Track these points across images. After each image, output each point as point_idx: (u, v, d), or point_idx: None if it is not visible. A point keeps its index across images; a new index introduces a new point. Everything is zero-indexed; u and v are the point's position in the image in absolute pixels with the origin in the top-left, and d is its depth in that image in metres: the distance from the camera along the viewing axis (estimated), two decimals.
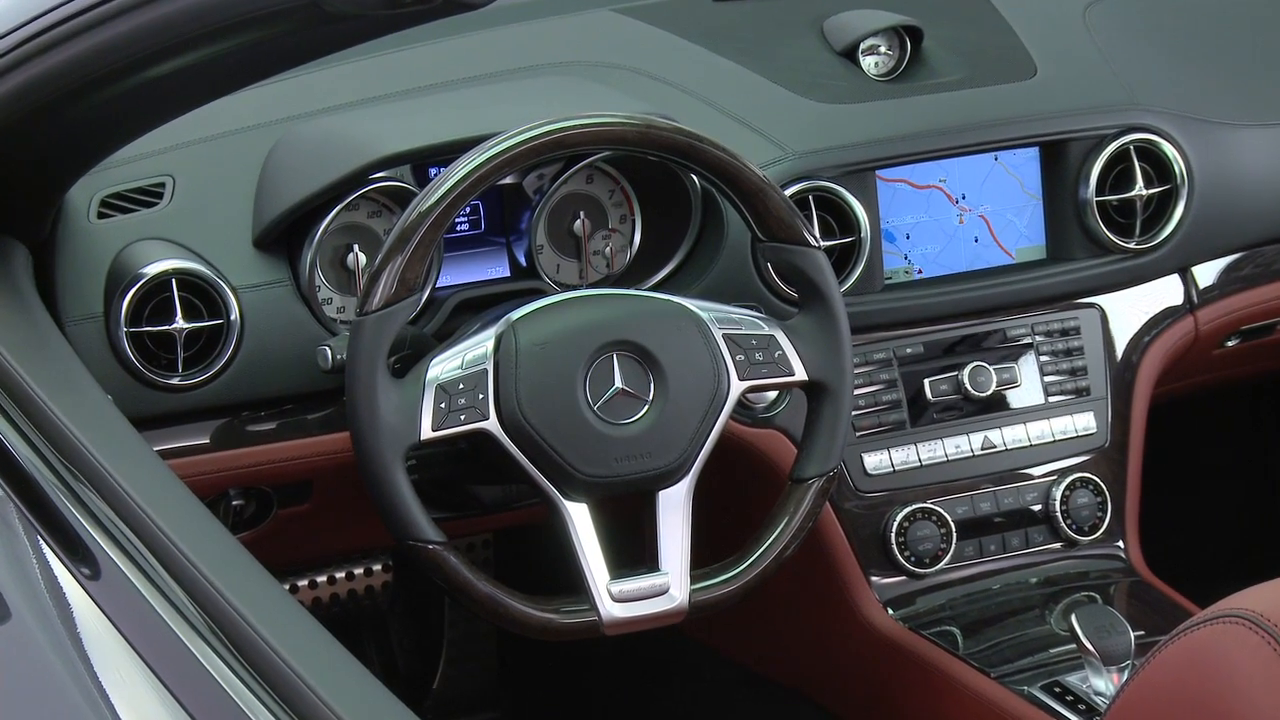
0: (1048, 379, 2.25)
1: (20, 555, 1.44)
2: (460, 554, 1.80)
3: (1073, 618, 1.92)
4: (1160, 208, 2.27)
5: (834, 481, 1.92)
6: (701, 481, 1.85)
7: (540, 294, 1.93)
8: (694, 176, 2.05)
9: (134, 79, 1.52)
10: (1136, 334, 2.30)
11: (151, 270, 1.89)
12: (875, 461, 2.19)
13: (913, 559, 2.18)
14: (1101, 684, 1.93)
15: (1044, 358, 2.25)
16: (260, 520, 2.05)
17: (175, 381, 1.90)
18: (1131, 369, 2.29)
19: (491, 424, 1.79)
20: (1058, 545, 2.25)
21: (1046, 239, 2.27)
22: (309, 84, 2.09)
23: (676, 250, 2.11)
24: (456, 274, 2.06)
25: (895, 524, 2.18)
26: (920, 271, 2.23)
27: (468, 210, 2.07)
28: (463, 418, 1.78)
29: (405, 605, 2.67)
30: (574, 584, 1.82)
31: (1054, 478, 2.25)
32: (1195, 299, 2.34)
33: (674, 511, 1.84)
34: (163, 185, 1.98)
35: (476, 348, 1.81)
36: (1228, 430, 2.78)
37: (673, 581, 1.84)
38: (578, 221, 2.08)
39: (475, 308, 1.98)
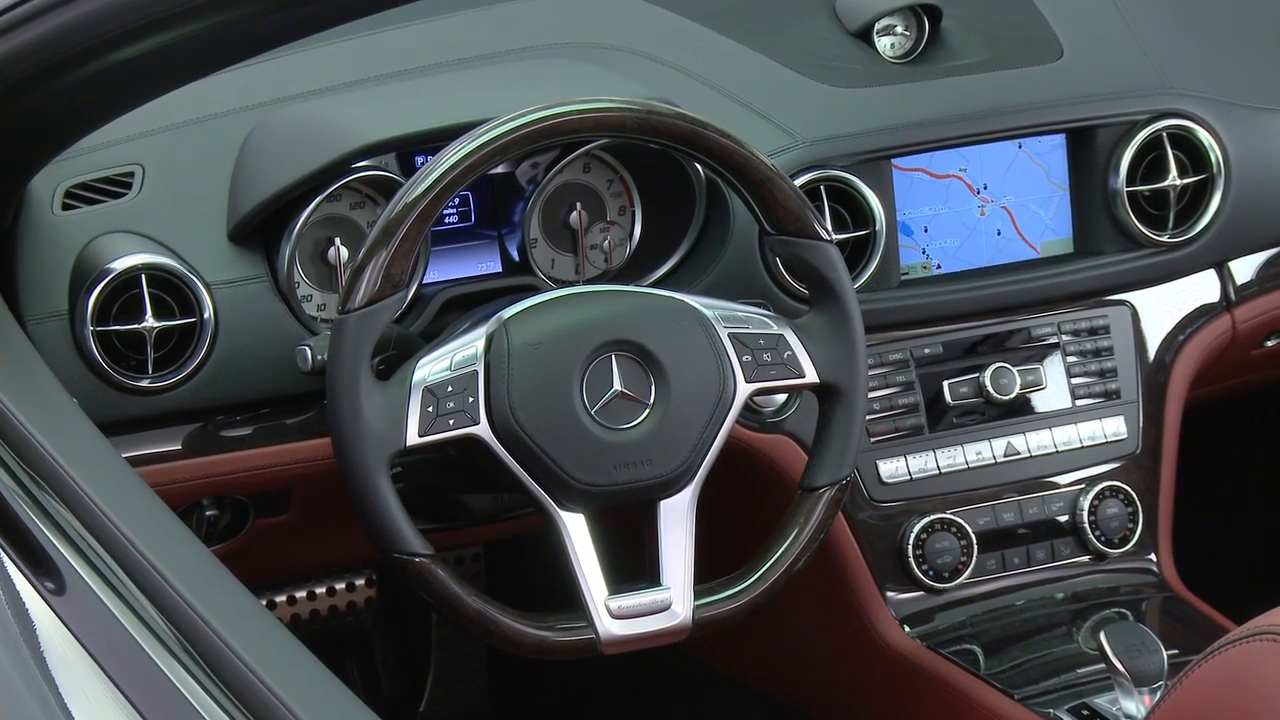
0: (1075, 381, 2.26)
1: None
2: (449, 567, 1.80)
3: (1102, 636, 1.92)
4: (1195, 198, 2.28)
5: (847, 490, 1.92)
6: (705, 490, 1.86)
7: (534, 290, 1.94)
8: (698, 165, 2.06)
9: (101, 61, 1.52)
10: (1170, 333, 2.31)
11: (119, 265, 1.89)
12: (891, 469, 2.19)
13: (931, 573, 2.19)
14: (1132, 706, 1.93)
15: (1071, 358, 2.26)
16: (235, 531, 2.05)
17: (145, 384, 1.91)
18: (1164, 370, 2.30)
19: (482, 429, 1.79)
20: (1086, 558, 2.25)
21: (1074, 232, 2.28)
22: (287, 67, 2.09)
23: (679, 244, 2.11)
24: (445, 269, 2.07)
25: (912, 536, 2.18)
26: (939, 266, 2.23)
27: (457, 201, 2.07)
28: (451, 422, 1.78)
29: (390, 622, 2.67)
30: (570, 600, 1.83)
31: (1082, 486, 2.25)
32: (1232, 295, 2.35)
33: (676, 522, 1.85)
34: (131, 175, 1.99)
35: (466, 348, 1.81)
36: (1267, 436, 2.78)
37: (675, 597, 1.84)
38: (574, 213, 2.09)
39: (465, 305, 1.99)
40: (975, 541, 2.20)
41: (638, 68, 2.17)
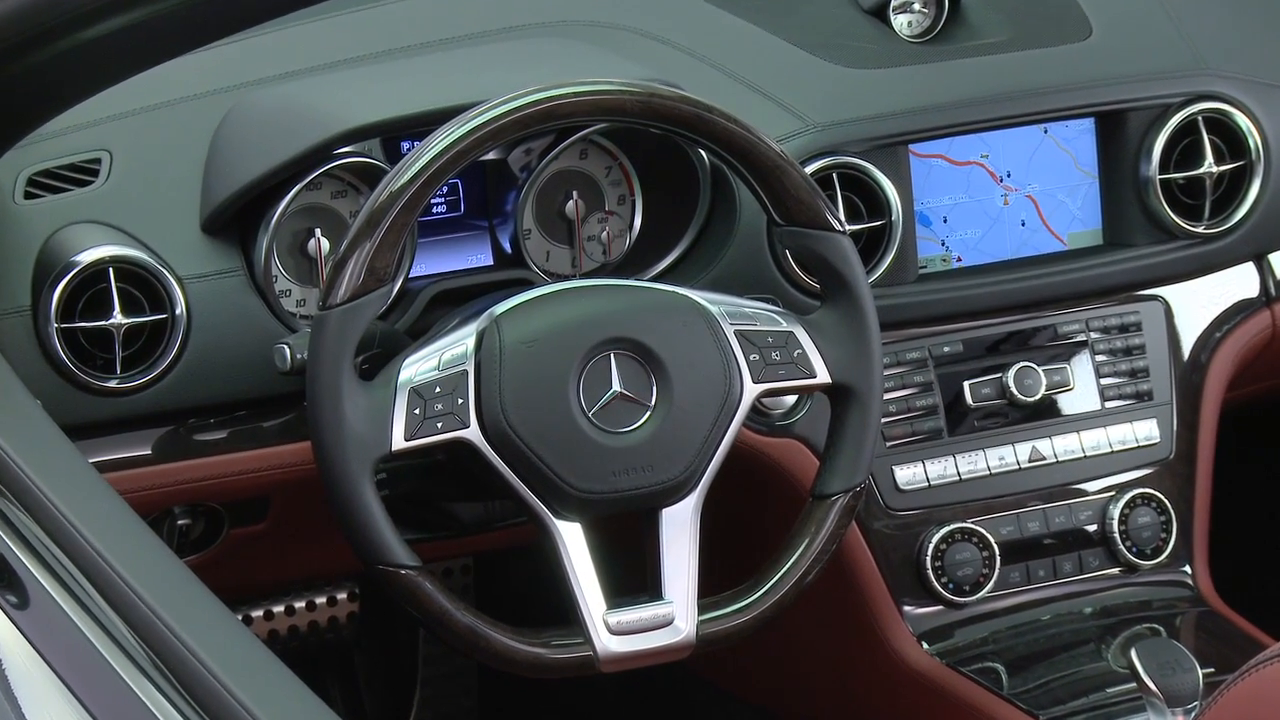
0: (1104, 381, 2.26)
1: None
2: (437, 580, 1.80)
3: (1133, 653, 1.93)
4: (1233, 186, 2.28)
5: (861, 498, 1.93)
6: (710, 498, 1.86)
7: (527, 285, 1.94)
8: (702, 152, 2.06)
9: (66, 41, 1.52)
10: (1206, 330, 2.31)
11: (86, 258, 1.89)
12: (908, 475, 2.19)
13: (951, 586, 2.19)
14: None
15: (1100, 357, 2.26)
16: (210, 542, 2.06)
17: (113, 384, 1.91)
18: (1200, 370, 2.30)
19: (472, 433, 1.79)
20: (1116, 570, 2.26)
21: (1103, 222, 2.28)
22: (265, 47, 2.10)
23: (682, 236, 2.12)
24: (432, 262, 2.07)
25: (931, 546, 2.19)
26: (959, 259, 2.24)
27: (445, 190, 2.08)
28: (440, 425, 1.79)
29: (374, 638, 2.68)
30: (566, 614, 1.83)
31: (1111, 494, 2.26)
32: (1273, 290, 2.35)
33: (679, 532, 1.85)
34: (99, 161, 1.99)
35: (455, 346, 1.82)
36: None
37: (677, 611, 1.84)
38: (570, 203, 2.09)
39: (454, 300, 1.99)
40: (998, 553, 2.20)
41: (638, 47, 2.17)
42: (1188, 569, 2.28)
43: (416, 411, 1.78)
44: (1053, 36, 2.28)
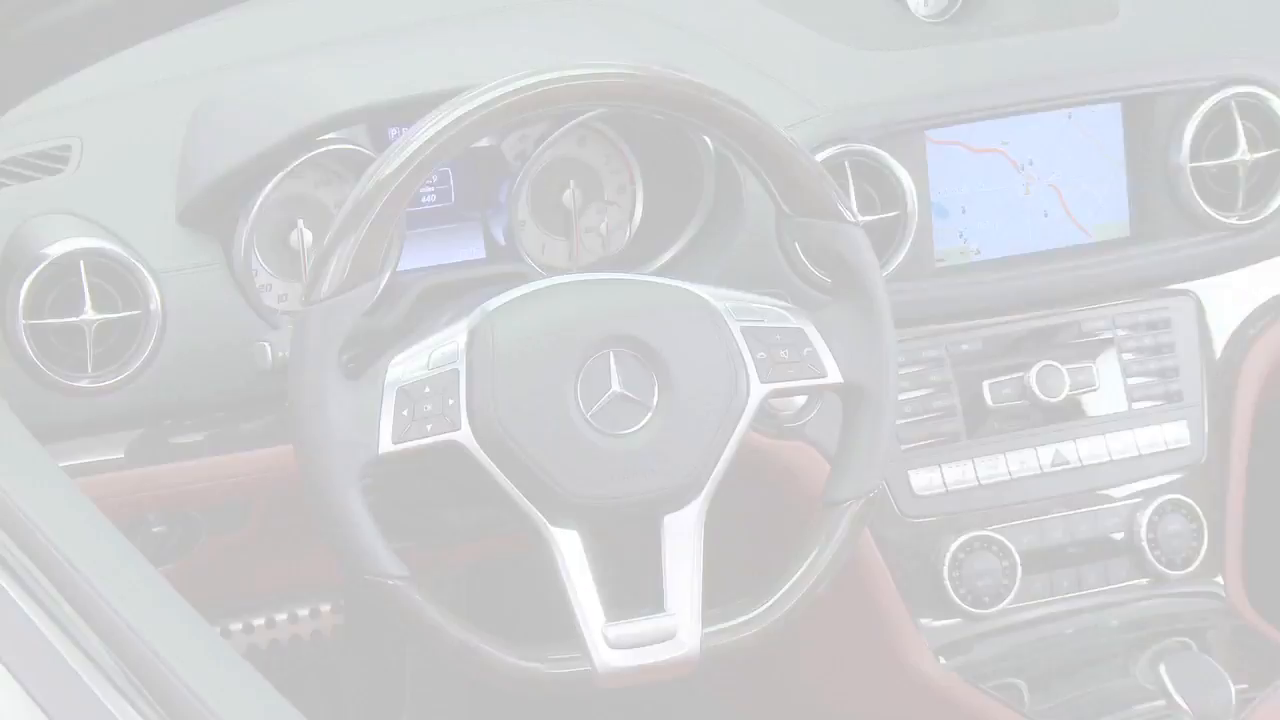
0: (1132, 382, 2.26)
1: None
2: (427, 591, 1.81)
3: (1162, 668, 1.93)
4: (1268, 175, 2.28)
5: (874, 504, 1.93)
6: (715, 504, 1.86)
7: (522, 279, 1.94)
8: (706, 139, 2.06)
9: (34, 19, 1.52)
10: (1239, 328, 2.31)
11: (55, 250, 1.89)
12: (924, 480, 2.19)
13: (970, 597, 2.19)
14: None
15: (1127, 356, 2.26)
16: (186, 550, 2.06)
17: (84, 384, 1.91)
18: (1233, 370, 2.30)
19: (464, 435, 1.80)
20: (1144, 581, 2.26)
21: (1130, 214, 2.28)
22: (244, 27, 2.10)
23: (685, 227, 2.12)
24: (422, 255, 2.07)
25: (948, 555, 2.19)
26: (978, 252, 2.24)
27: (435, 179, 2.08)
28: (429, 427, 1.79)
29: (360, 653, 2.68)
30: (563, 627, 1.83)
31: (1139, 500, 2.25)
32: None
33: (683, 540, 1.85)
34: (68, 148, 1.99)
35: (446, 344, 1.82)
36: None
37: (681, 624, 1.84)
38: (567, 192, 2.09)
39: (444, 295, 1.99)
40: (1019, 562, 2.20)
41: (638, 28, 2.17)
42: (1220, 579, 2.28)
43: (405, 413, 1.78)
44: (1077, 17, 2.28)
